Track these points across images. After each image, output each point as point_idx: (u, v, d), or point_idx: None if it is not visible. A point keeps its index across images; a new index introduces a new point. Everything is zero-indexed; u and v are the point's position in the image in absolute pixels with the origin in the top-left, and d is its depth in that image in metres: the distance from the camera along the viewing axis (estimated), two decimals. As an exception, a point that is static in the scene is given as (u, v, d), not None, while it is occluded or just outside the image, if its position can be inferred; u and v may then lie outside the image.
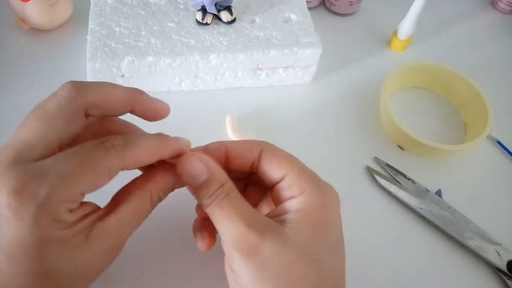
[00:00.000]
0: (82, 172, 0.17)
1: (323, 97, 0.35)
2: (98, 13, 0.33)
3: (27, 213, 0.16)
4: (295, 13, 0.34)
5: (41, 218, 0.16)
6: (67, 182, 0.17)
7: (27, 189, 0.16)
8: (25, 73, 0.34)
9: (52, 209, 0.16)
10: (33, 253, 0.16)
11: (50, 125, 0.17)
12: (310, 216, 0.19)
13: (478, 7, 0.44)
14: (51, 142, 0.18)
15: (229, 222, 0.19)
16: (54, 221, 0.17)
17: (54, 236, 0.17)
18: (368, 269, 0.27)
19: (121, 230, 0.19)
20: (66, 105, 0.18)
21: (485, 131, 0.30)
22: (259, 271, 0.18)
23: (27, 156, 0.17)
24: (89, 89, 0.19)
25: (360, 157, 0.32)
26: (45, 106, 0.18)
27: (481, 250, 0.27)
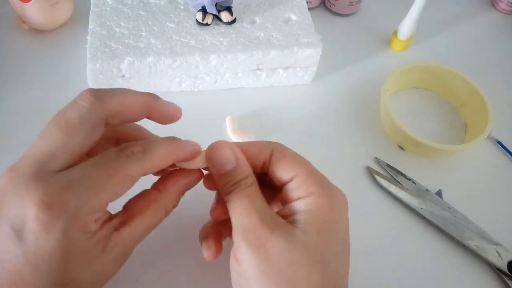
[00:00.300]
0: (108, 181, 0.17)
1: (323, 98, 0.35)
2: (98, 14, 0.33)
3: (56, 226, 0.16)
4: (295, 14, 0.34)
5: (70, 231, 0.16)
6: (94, 193, 0.17)
7: (56, 201, 0.16)
8: (25, 73, 0.34)
9: (82, 222, 0.17)
10: (58, 264, 0.16)
11: (72, 136, 0.18)
12: (317, 217, 0.19)
13: (479, 7, 0.44)
14: (73, 152, 0.18)
15: (243, 212, 0.19)
16: (82, 232, 0.17)
17: (79, 247, 0.17)
18: (368, 269, 0.27)
19: (135, 240, 0.20)
20: (88, 115, 0.18)
21: (485, 131, 0.30)
22: (263, 265, 0.18)
23: (50, 167, 0.17)
24: (109, 98, 0.19)
25: (360, 157, 0.32)
26: (66, 116, 0.18)
27: (482, 251, 0.27)
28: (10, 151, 0.30)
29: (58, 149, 0.17)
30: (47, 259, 0.16)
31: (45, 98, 0.33)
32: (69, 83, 0.34)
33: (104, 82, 0.32)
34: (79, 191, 0.17)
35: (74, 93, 0.34)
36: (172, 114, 0.22)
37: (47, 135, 0.18)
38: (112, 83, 0.32)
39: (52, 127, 0.18)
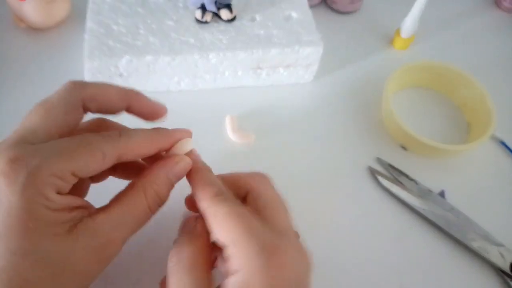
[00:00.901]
0: (76, 150, 0.18)
1: (325, 96, 0.35)
2: (96, 11, 0.32)
3: (17, 179, 0.17)
4: (296, 11, 0.34)
5: (28, 186, 0.17)
6: (59, 156, 0.17)
7: (21, 158, 0.17)
8: (23, 71, 0.34)
9: (41, 180, 0.17)
10: (15, 225, 0.16)
11: (50, 114, 0.19)
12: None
13: (482, 6, 0.44)
14: (50, 129, 0.19)
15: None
16: (40, 194, 0.17)
17: (38, 213, 0.17)
18: (370, 269, 0.26)
19: (112, 228, 0.18)
20: (64, 95, 0.20)
21: (488, 131, 0.30)
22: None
23: (29, 140, 0.18)
24: (87, 84, 0.20)
25: (362, 158, 0.31)
26: (47, 98, 0.20)
27: (484, 252, 0.27)
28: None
29: (37, 126, 0.19)
30: (6, 217, 0.16)
31: (43, 96, 0.32)
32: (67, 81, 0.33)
33: (102, 80, 0.32)
34: (44, 153, 0.17)
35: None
36: (154, 109, 0.22)
37: (30, 114, 0.19)
38: (110, 81, 0.32)
39: (34, 108, 0.19)
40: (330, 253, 0.27)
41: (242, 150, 0.31)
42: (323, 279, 0.26)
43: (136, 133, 0.20)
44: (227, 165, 0.30)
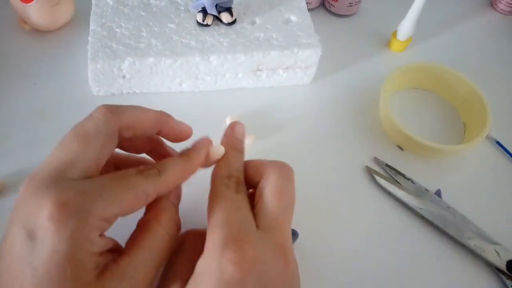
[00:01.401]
0: (123, 193, 0.18)
1: (323, 98, 0.35)
2: (99, 14, 0.33)
3: (66, 225, 0.16)
4: (295, 14, 0.35)
5: (77, 232, 0.16)
6: (108, 201, 0.17)
7: (71, 202, 0.16)
8: (27, 73, 0.34)
9: (90, 225, 0.17)
10: (55, 271, 0.16)
11: (88, 145, 0.18)
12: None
13: (477, 8, 0.44)
14: (90, 162, 0.18)
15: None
16: (86, 240, 0.16)
17: (79, 258, 0.16)
18: (367, 269, 0.27)
19: (135, 271, 0.18)
20: (103, 126, 0.19)
21: (484, 131, 0.30)
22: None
23: (68, 175, 0.17)
24: (122, 111, 0.20)
25: (359, 157, 0.32)
26: (83, 127, 0.19)
27: (481, 250, 0.27)
28: (10, 151, 0.30)
29: (75, 158, 0.18)
30: (47, 261, 0.16)
31: (46, 98, 0.33)
32: (70, 83, 0.34)
33: (105, 82, 0.32)
34: (94, 196, 0.17)
35: (75, 93, 0.35)
36: (182, 132, 0.22)
37: (65, 145, 0.18)
38: (113, 83, 0.33)
39: (69, 138, 0.18)
40: (327, 251, 0.27)
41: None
42: (320, 278, 0.26)
43: (172, 167, 0.20)
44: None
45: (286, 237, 0.19)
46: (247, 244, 0.18)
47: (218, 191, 0.20)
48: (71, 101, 0.33)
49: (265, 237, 0.18)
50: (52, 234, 0.16)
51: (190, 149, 0.22)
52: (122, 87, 0.33)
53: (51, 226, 0.16)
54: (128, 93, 0.34)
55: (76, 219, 0.16)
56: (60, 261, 0.16)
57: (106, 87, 0.33)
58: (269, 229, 0.19)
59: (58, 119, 0.32)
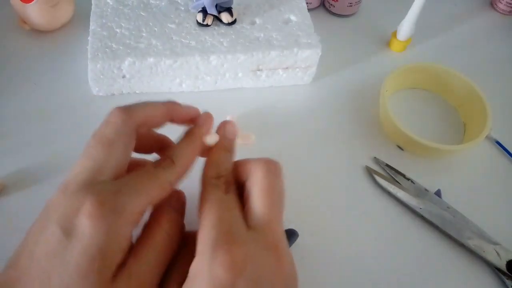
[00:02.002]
0: (150, 185, 0.19)
1: (323, 98, 0.35)
2: (99, 15, 0.33)
3: (104, 220, 0.17)
4: (295, 14, 0.35)
5: (115, 226, 0.17)
6: (139, 194, 0.19)
7: (108, 200, 0.18)
8: (26, 73, 0.34)
9: (125, 221, 0.18)
10: (84, 264, 0.17)
11: (113, 150, 0.19)
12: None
13: (477, 8, 0.44)
14: (117, 164, 0.19)
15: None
16: (121, 235, 0.18)
17: (109, 253, 0.17)
18: (367, 269, 0.27)
19: (142, 270, 0.19)
20: (122, 130, 0.20)
21: (484, 131, 0.30)
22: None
23: (100, 178, 0.19)
24: (136, 111, 0.21)
25: (359, 157, 0.32)
26: (104, 133, 0.20)
27: (481, 250, 0.27)
28: (11, 151, 0.30)
29: (103, 164, 0.19)
30: (80, 254, 0.17)
31: (46, 98, 0.33)
32: (70, 83, 0.34)
33: (105, 82, 0.32)
34: (127, 192, 0.18)
35: (75, 93, 0.35)
36: (191, 115, 0.23)
37: (91, 153, 0.19)
38: (113, 83, 0.33)
39: (93, 146, 0.19)
40: (327, 251, 0.27)
41: (242, 150, 0.32)
42: (320, 278, 0.26)
43: (182, 152, 0.21)
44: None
45: (277, 235, 0.19)
46: (237, 246, 0.18)
47: (208, 192, 0.20)
48: (71, 101, 0.33)
49: (255, 237, 0.19)
50: (91, 229, 0.17)
51: (194, 127, 0.23)
52: (122, 87, 0.33)
53: (91, 222, 0.17)
54: (128, 93, 0.34)
55: (113, 215, 0.17)
56: (92, 254, 0.17)
57: (106, 87, 0.33)
58: (259, 228, 0.19)
59: (58, 119, 0.32)
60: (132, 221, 0.18)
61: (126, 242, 0.18)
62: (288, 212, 0.28)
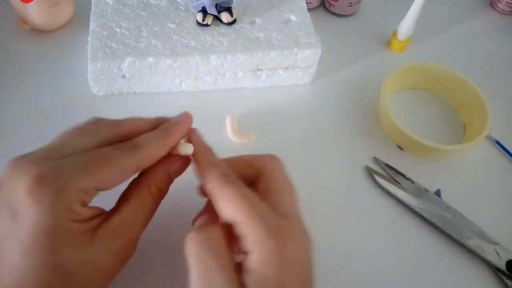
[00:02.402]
0: (99, 166, 0.19)
1: (323, 98, 0.35)
2: (99, 14, 0.33)
3: (45, 198, 0.17)
4: (295, 14, 0.35)
5: (57, 203, 0.17)
6: (84, 172, 0.18)
7: (46, 176, 0.17)
8: (26, 73, 0.35)
9: (68, 197, 0.17)
10: (45, 242, 0.17)
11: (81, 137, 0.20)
12: (262, 281, 0.17)
13: (477, 8, 0.44)
14: (83, 148, 0.20)
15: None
16: (67, 209, 0.17)
17: (65, 226, 0.17)
18: (367, 268, 0.27)
19: (127, 228, 0.20)
20: (103, 134, 0.21)
21: (484, 131, 0.31)
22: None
23: (52, 158, 0.18)
24: (123, 126, 0.22)
25: (359, 157, 0.32)
26: (81, 125, 0.21)
27: (480, 250, 0.27)
28: (10, 151, 0.30)
29: (65, 144, 0.20)
30: (35, 235, 0.17)
31: (46, 98, 0.33)
32: (70, 83, 0.34)
33: (105, 82, 0.32)
34: (70, 169, 0.18)
35: (75, 93, 0.35)
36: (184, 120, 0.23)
37: (59, 136, 0.20)
38: (112, 83, 0.33)
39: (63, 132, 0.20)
40: (327, 251, 0.27)
41: (242, 150, 0.32)
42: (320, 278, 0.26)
43: (148, 142, 0.20)
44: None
45: (303, 219, 0.21)
46: (287, 232, 0.19)
47: (228, 190, 0.19)
48: (71, 101, 0.33)
49: (293, 223, 0.20)
50: (32, 208, 0.17)
51: (169, 123, 0.22)
52: (122, 87, 0.33)
53: (31, 201, 0.17)
54: (128, 93, 0.34)
55: (52, 191, 0.17)
56: (47, 231, 0.17)
57: (106, 87, 0.33)
58: (291, 215, 0.20)
59: (58, 119, 0.32)
60: (77, 199, 0.18)
61: (81, 217, 0.18)
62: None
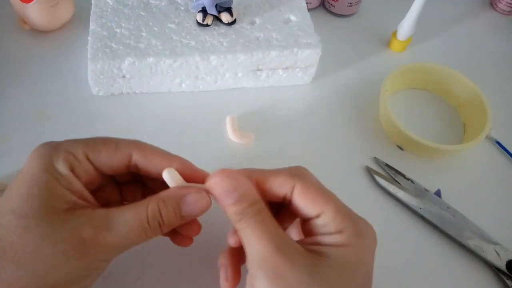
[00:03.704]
0: (92, 139, 0.21)
1: (323, 98, 0.35)
2: (99, 14, 0.33)
3: (38, 152, 0.20)
4: (295, 14, 0.35)
5: (44, 156, 0.19)
6: (76, 141, 0.20)
7: (48, 143, 0.20)
8: (26, 73, 0.35)
9: (56, 153, 0.19)
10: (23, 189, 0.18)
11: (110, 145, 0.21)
12: (345, 255, 0.19)
13: (477, 8, 0.44)
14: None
15: (256, 241, 0.18)
16: (51, 165, 0.19)
17: (45, 181, 0.19)
18: (367, 268, 0.27)
19: (104, 224, 0.18)
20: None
21: (484, 131, 0.31)
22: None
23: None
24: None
25: (359, 157, 0.32)
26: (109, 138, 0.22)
27: (480, 250, 0.27)
28: (10, 151, 0.30)
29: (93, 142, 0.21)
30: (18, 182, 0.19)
31: (46, 98, 0.33)
32: (70, 83, 0.34)
33: (105, 82, 0.32)
34: (70, 140, 0.20)
35: (75, 93, 0.35)
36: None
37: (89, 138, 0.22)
38: (112, 83, 0.33)
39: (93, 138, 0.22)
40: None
41: (242, 150, 0.32)
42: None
43: (150, 145, 0.21)
44: (227, 164, 0.31)
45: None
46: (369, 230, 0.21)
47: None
48: (71, 101, 0.33)
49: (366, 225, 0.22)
50: (28, 159, 0.19)
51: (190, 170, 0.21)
52: (122, 87, 0.33)
53: (30, 155, 0.19)
54: (128, 93, 0.34)
55: (46, 148, 0.20)
56: (27, 179, 0.19)
57: (106, 87, 0.33)
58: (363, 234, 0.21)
59: (58, 119, 0.32)
60: (64, 158, 0.19)
61: (63, 178, 0.19)
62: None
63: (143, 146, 0.21)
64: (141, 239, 0.19)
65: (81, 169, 0.20)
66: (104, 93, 0.33)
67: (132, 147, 0.20)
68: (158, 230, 0.20)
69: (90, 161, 0.20)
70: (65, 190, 0.19)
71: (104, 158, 0.20)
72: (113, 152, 0.20)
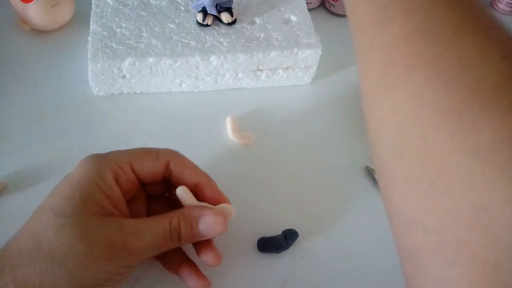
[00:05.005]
0: (136, 150, 0.23)
1: (323, 98, 0.35)
2: (99, 15, 0.33)
3: (88, 162, 0.21)
4: (295, 14, 0.35)
5: (92, 166, 0.21)
6: (121, 152, 0.22)
7: (96, 154, 0.22)
8: (27, 73, 0.34)
9: (103, 164, 0.21)
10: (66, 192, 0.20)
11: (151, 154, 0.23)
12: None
13: (477, 8, 0.44)
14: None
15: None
16: (98, 174, 0.21)
17: (88, 188, 0.20)
18: (367, 269, 0.27)
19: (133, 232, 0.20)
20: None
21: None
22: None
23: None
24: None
25: (359, 157, 0.32)
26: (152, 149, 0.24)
27: (480, 250, 0.27)
28: (10, 151, 0.30)
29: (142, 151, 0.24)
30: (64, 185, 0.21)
31: (46, 98, 0.33)
32: (70, 83, 0.34)
33: (105, 82, 0.32)
34: (116, 151, 0.22)
35: (75, 93, 0.35)
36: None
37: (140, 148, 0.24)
38: (113, 83, 0.33)
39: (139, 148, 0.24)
40: (327, 251, 0.27)
41: (242, 150, 0.32)
42: (320, 277, 0.26)
43: (184, 157, 0.24)
44: (227, 164, 0.31)
45: None
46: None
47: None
48: (71, 101, 0.33)
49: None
50: (76, 167, 0.21)
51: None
52: (122, 87, 0.33)
53: (79, 164, 0.21)
54: (128, 93, 0.34)
55: (97, 160, 0.21)
56: (73, 183, 0.20)
57: (106, 87, 0.33)
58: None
59: (58, 119, 0.32)
60: (110, 167, 0.21)
61: (105, 185, 0.21)
62: (288, 212, 0.29)
63: (179, 156, 0.24)
64: (163, 248, 0.22)
65: (124, 178, 0.22)
66: (104, 93, 0.33)
67: (170, 156, 0.23)
68: (177, 242, 0.22)
69: (133, 171, 0.22)
70: (104, 197, 0.20)
71: (147, 166, 0.22)
72: (154, 161, 0.22)
